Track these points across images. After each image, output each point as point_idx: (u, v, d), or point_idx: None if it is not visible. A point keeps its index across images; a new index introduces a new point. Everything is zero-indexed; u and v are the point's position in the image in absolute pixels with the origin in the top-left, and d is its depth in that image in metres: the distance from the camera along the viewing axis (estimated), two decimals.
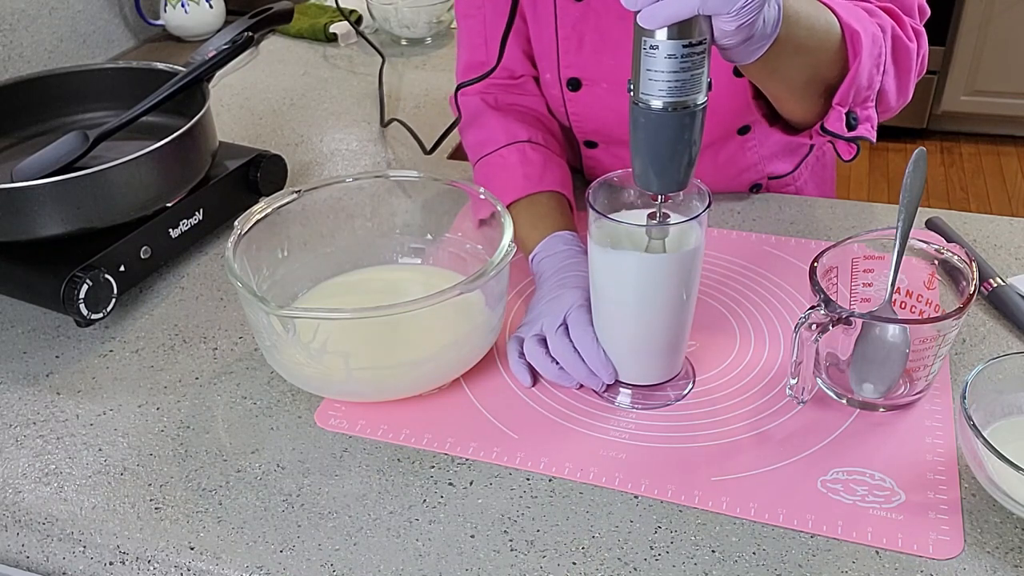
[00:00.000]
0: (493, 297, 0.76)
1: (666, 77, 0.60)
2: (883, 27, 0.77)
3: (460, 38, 1.02)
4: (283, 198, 0.83)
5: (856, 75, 0.73)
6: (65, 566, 0.68)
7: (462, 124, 1.02)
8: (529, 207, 0.90)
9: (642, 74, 0.61)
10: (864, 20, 0.75)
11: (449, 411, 0.75)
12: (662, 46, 0.59)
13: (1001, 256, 0.91)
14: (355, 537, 0.65)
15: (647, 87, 0.61)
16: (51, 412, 0.78)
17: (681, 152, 0.63)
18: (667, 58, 0.60)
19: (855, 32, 0.72)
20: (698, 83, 0.61)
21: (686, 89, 0.61)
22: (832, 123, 0.76)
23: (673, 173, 0.65)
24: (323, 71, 1.46)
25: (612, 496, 0.67)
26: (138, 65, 1.05)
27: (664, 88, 0.61)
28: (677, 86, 0.60)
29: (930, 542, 0.63)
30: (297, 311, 0.75)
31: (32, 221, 0.83)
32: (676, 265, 0.68)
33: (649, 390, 0.76)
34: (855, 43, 0.72)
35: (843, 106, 0.75)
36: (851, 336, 0.70)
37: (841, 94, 0.74)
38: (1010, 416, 0.67)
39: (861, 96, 0.76)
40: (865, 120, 0.77)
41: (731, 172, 1.01)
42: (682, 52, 0.59)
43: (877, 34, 0.75)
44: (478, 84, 0.98)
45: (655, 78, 0.61)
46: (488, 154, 0.96)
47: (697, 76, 0.61)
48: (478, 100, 1.00)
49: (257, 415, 0.77)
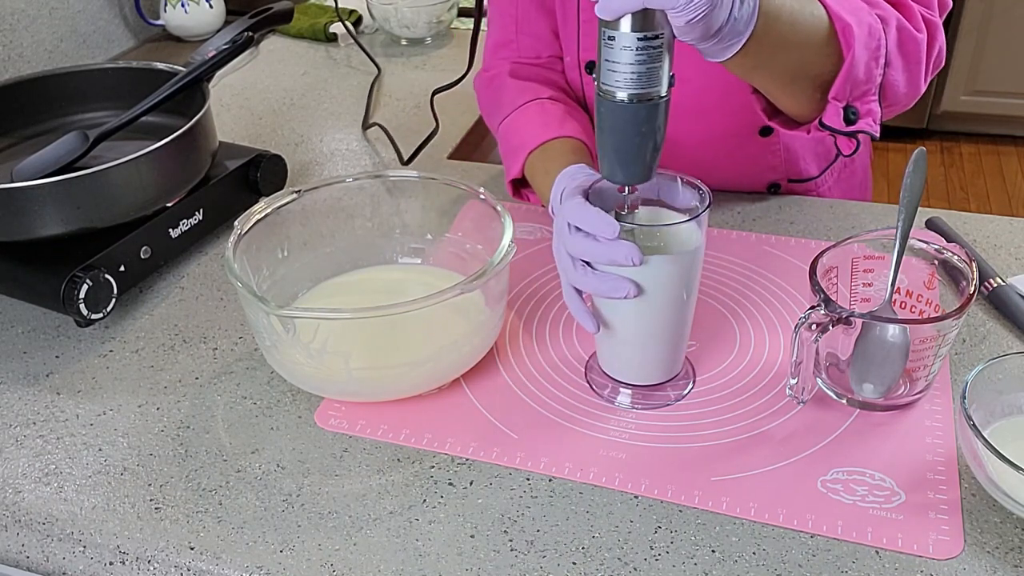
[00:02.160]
0: (493, 297, 0.76)
1: (624, 68, 0.61)
2: (884, 18, 0.75)
3: (491, 15, 1.02)
4: (283, 198, 0.83)
5: (851, 68, 0.72)
6: (65, 566, 0.68)
7: (483, 104, 1.02)
8: (542, 155, 0.89)
9: (602, 64, 0.62)
10: (860, 11, 0.73)
11: (449, 411, 0.75)
12: (619, 37, 0.60)
13: (1001, 256, 0.91)
14: (355, 537, 0.65)
15: (607, 77, 0.62)
16: (51, 412, 0.78)
17: (644, 143, 0.64)
18: (623, 49, 0.61)
19: (846, 24, 0.71)
20: (657, 76, 0.62)
21: (644, 81, 0.62)
22: (829, 118, 0.75)
23: (637, 164, 0.65)
24: (323, 71, 1.46)
25: (612, 496, 0.67)
26: (138, 65, 1.05)
27: (621, 79, 0.62)
28: (634, 78, 0.61)
29: (930, 542, 0.63)
30: (297, 311, 0.75)
31: (32, 221, 0.83)
32: (676, 265, 0.68)
33: (649, 390, 0.76)
34: (847, 35, 0.71)
35: (840, 100, 0.74)
36: (851, 336, 0.70)
37: (836, 88, 0.73)
38: (1010, 416, 0.67)
39: (860, 90, 0.75)
40: (866, 114, 0.76)
41: (751, 171, 1.00)
42: (638, 44, 0.60)
43: (875, 25, 0.74)
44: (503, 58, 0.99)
45: (614, 69, 0.62)
46: (508, 115, 0.95)
47: (655, 69, 0.61)
48: (502, 74, 1.00)
49: (257, 415, 0.77)
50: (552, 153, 0.88)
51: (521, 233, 0.96)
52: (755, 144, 0.97)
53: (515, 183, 0.96)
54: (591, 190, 0.70)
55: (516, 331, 0.84)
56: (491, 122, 1.01)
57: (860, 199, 1.11)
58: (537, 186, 0.90)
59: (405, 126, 1.24)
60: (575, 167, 0.82)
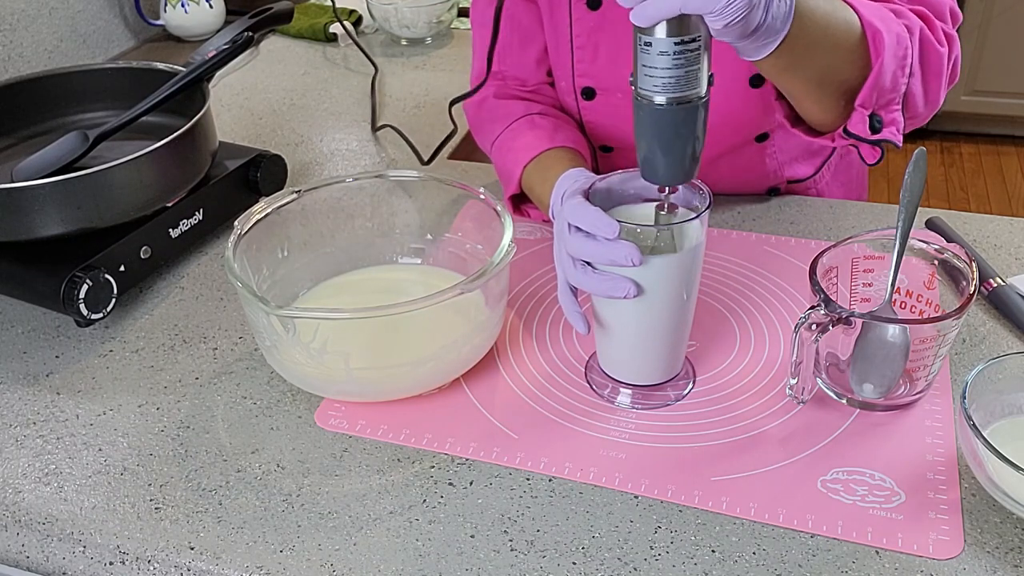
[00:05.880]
0: (493, 297, 0.76)
1: (661, 73, 0.61)
2: (911, 28, 0.75)
3: (475, 46, 1.02)
4: (283, 198, 0.83)
5: (879, 75, 0.72)
6: (65, 566, 0.68)
7: (473, 126, 1.02)
8: (538, 166, 0.89)
9: (639, 69, 0.62)
10: (889, 20, 0.73)
11: (449, 411, 0.75)
12: (655, 43, 0.60)
13: (1001, 256, 0.91)
14: (355, 537, 0.65)
15: (644, 83, 0.62)
16: (51, 412, 0.78)
17: (684, 145, 0.64)
18: (660, 55, 0.60)
19: (877, 31, 0.71)
20: (695, 79, 0.62)
21: (682, 84, 0.61)
22: (855, 125, 0.74)
23: (677, 165, 0.65)
24: (323, 71, 1.46)
25: (612, 496, 0.67)
26: (138, 65, 1.05)
27: (660, 84, 0.61)
28: (673, 82, 0.61)
29: (930, 542, 0.63)
30: (297, 311, 0.75)
31: (32, 221, 0.83)
32: (676, 265, 0.68)
33: (649, 390, 0.76)
34: (877, 42, 0.71)
35: (866, 108, 0.74)
36: (851, 336, 0.70)
37: (863, 95, 0.73)
38: (1010, 416, 0.67)
39: (885, 98, 0.74)
40: (890, 123, 0.75)
41: (750, 177, 1.00)
42: (675, 49, 0.60)
43: (903, 34, 0.74)
44: (490, 85, 0.98)
45: (651, 74, 0.61)
46: (500, 134, 0.95)
47: (693, 72, 0.61)
48: (489, 96, 0.99)
49: (257, 415, 0.77)
50: (548, 163, 0.88)
51: (521, 233, 0.96)
52: (752, 152, 0.97)
53: (515, 200, 0.95)
54: (591, 191, 0.70)
55: (516, 331, 0.84)
56: (484, 144, 1.01)
57: (858, 193, 1.11)
58: (536, 196, 0.90)
59: (405, 126, 1.24)
60: (575, 170, 0.82)
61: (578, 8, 0.90)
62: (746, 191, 1.02)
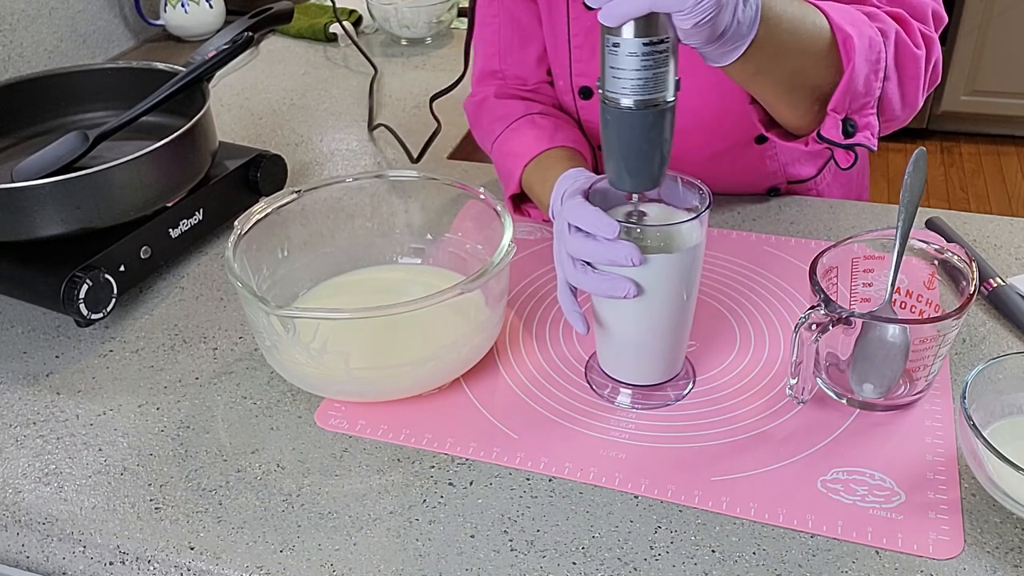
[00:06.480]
0: (493, 297, 0.76)
1: (629, 75, 0.61)
2: (885, 32, 0.75)
3: (476, 45, 1.02)
4: (283, 198, 0.83)
5: (851, 80, 0.71)
6: (65, 566, 0.68)
7: (473, 126, 1.02)
8: (538, 166, 0.89)
9: (607, 72, 0.62)
10: (861, 23, 0.73)
11: (449, 411, 0.75)
12: (623, 43, 0.60)
13: (1001, 256, 0.91)
14: (355, 537, 0.65)
15: (612, 85, 0.62)
16: (51, 412, 0.78)
17: (652, 150, 0.64)
18: (628, 56, 0.60)
19: (847, 35, 0.71)
20: (663, 82, 0.61)
21: (650, 87, 0.61)
22: (828, 130, 0.74)
23: (645, 171, 0.65)
24: (323, 71, 1.46)
25: (612, 496, 0.67)
26: (138, 65, 1.05)
27: (628, 86, 0.61)
28: (640, 84, 0.61)
29: (930, 542, 0.63)
30: (297, 311, 0.75)
31: (32, 221, 0.83)
32: (676, 265, 0.68)
33: (649, 390, 0.76)
34: (847, 46, 0.71)
35: (839, 112, 0.74)
36: (851, 336, 0.70)
37: (836, 100, 0.73)
38: (1010, 416, 0.67)
39: (859, 102, 0.74)
40: (864, 128, 0.75)
41: (750, 177, 1.00)
42: (643, 50, 0.60)
43: (875, 38, 0.73)
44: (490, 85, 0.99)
45: (619, 76, 0.61)
46: (500, 134, 0.95)
47: (661, 75, 0.61)
48: (490, 96, 1.00)
49: (257, 415, 0.77)
50: (548, 163, 0.88)
51: (521, 233, 0.96)
52: (752, 153, 0.97)
53: (515, 199, 0.96)
54: (592, 191, 0.70)
55: (516, 331, 0.84)
56: (484, 143, 1.01)
57: (859, 194, 1.11)
58: (536, 196, 0.90)
59: (405, 126, 1.24)
60: (575, 170, 0.82)
61: (576, 7, 0.90)
62: (746, 191, 1.02)
